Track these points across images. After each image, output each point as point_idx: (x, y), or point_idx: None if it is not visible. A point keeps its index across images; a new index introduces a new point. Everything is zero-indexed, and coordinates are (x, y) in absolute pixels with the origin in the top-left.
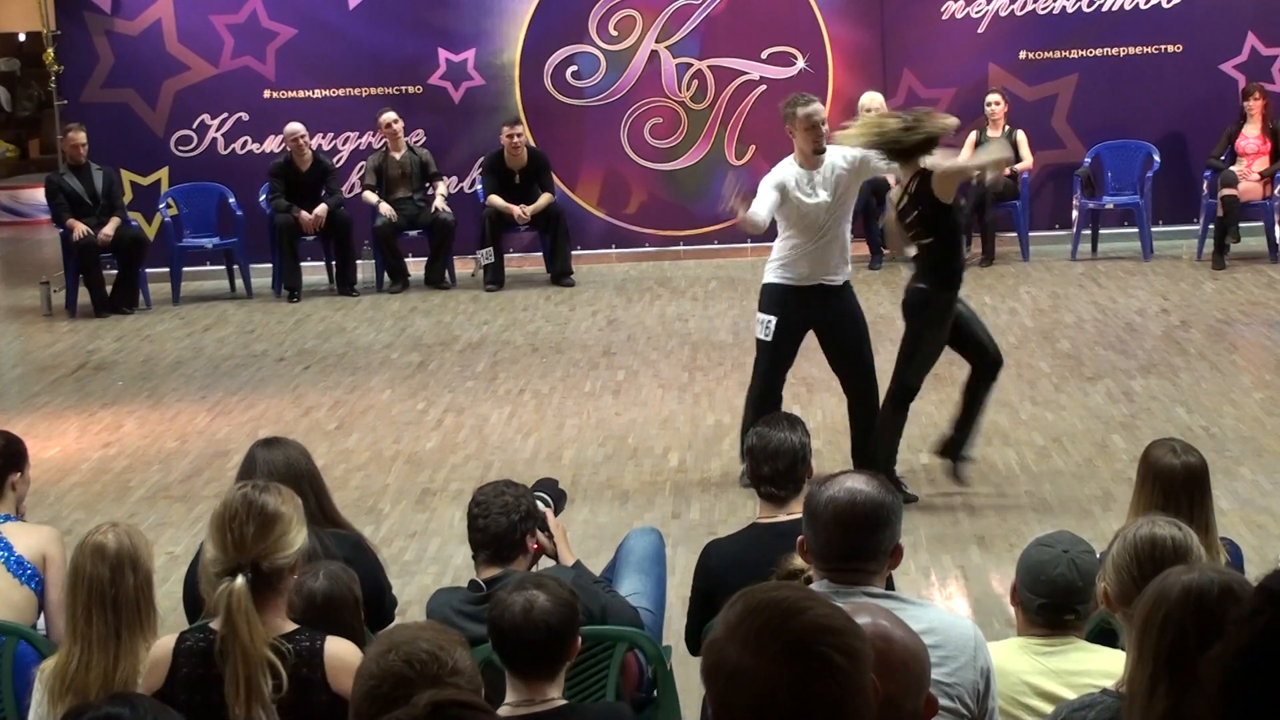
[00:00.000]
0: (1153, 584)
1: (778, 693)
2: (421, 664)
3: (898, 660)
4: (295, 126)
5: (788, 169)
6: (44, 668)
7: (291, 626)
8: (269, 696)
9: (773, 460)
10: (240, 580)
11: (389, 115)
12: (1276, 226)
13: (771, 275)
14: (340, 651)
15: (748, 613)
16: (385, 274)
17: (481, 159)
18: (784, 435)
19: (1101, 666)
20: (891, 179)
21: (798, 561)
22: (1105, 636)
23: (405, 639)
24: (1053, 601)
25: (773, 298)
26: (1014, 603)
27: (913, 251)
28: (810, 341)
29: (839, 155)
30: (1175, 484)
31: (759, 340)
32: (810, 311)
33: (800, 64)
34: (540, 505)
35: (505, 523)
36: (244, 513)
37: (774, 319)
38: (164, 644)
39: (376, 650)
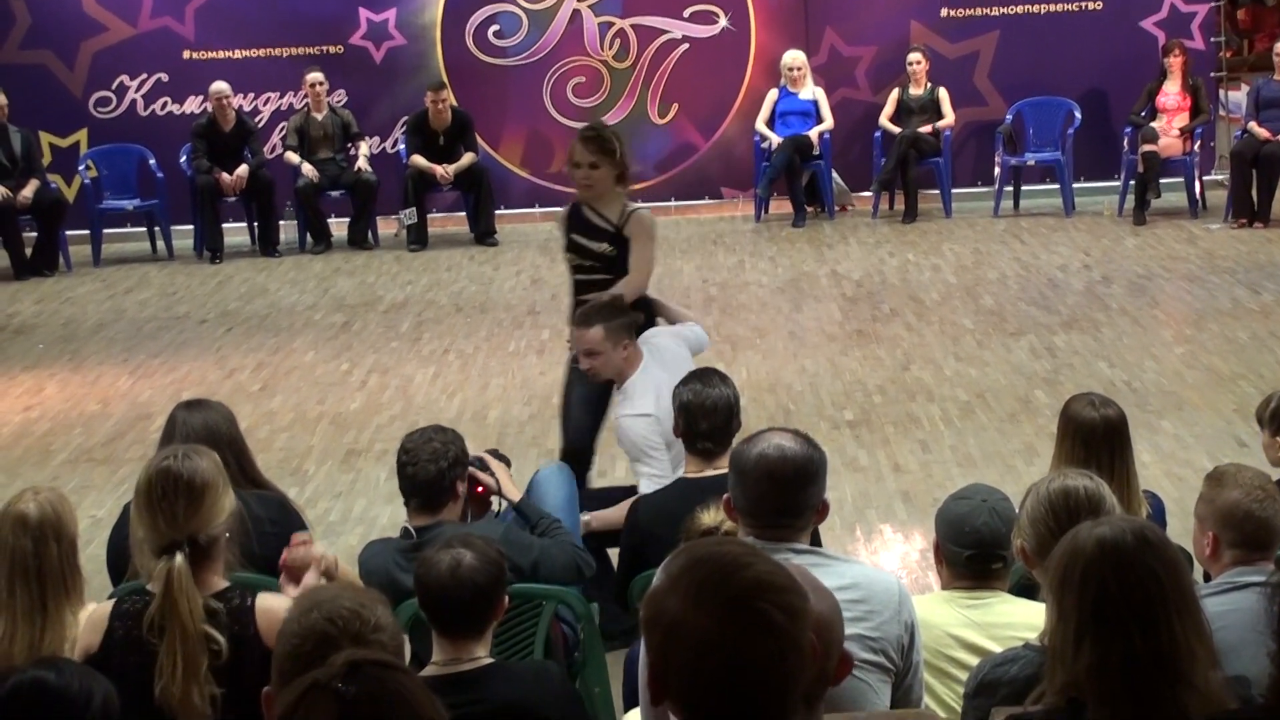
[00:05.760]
0: (1064, 540)
1: (716, 647)
2: (344, 621)
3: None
4: (220, 86)
5: None
6: None
7: (224, 584)
8: (205, 670)
9: (710, 416)
10: (179, 559)
11: (315, 75)
12: (1196, 182)
13: None
14: (270, 605)
15: (690, 566)
16: (308, 235)
17: (404, 119)
18: (718, 390)
19: (1025, 619)
20: (815, 135)
21: (707, 519)
22: (1026, 591)
23: (327, 598)
24: (980, 551)
25: None
26: (938, 560)
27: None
28: (739, 299)
29: None
30: (1096, 437)
31: None
32: None
33: (722, 22)
34: (488, 456)
35: (433, 469)
36: (171, 489)
37: None
38: (101, 608)
39: (298, 610)
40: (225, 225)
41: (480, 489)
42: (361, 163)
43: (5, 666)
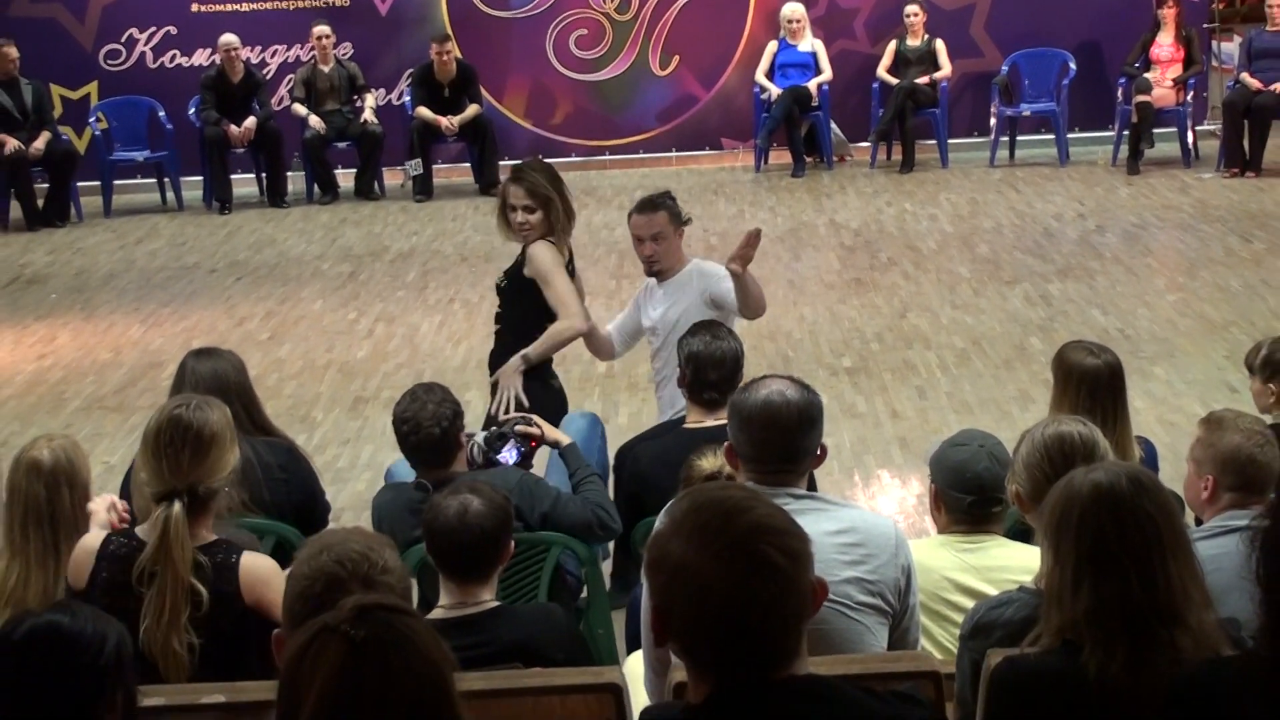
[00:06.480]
0: (1058, 486)
1: (718, 589)
2: (353, 563)
3: None
4: (230, 38)
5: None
6: None
7: (213, 537)
8: (185, 620)
9: (719, 367)
10: (178, 507)
11: (322, 28)
12: (1189, 132)
13: None
14: (254, 565)
15: (692, 510)
16: (315, 186)
17: (410, 71)
18: (727, 343)
19: (1021, 562)
20: (813, 86)
21: (706, 465)
22: (1021, 535)
23: (336, 541)
24: (981, 496)
25: None
26: (934, 505)
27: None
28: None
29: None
30: (1101, 384)
31: None
32: None
33: None
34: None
35: (437, 433)
36: (179, 437)
37: None
38: (89, 544)
39: (308, 553)
40: (234, 176)
41: (534, 443)
42: (367, 114)
43: (20, 610)
